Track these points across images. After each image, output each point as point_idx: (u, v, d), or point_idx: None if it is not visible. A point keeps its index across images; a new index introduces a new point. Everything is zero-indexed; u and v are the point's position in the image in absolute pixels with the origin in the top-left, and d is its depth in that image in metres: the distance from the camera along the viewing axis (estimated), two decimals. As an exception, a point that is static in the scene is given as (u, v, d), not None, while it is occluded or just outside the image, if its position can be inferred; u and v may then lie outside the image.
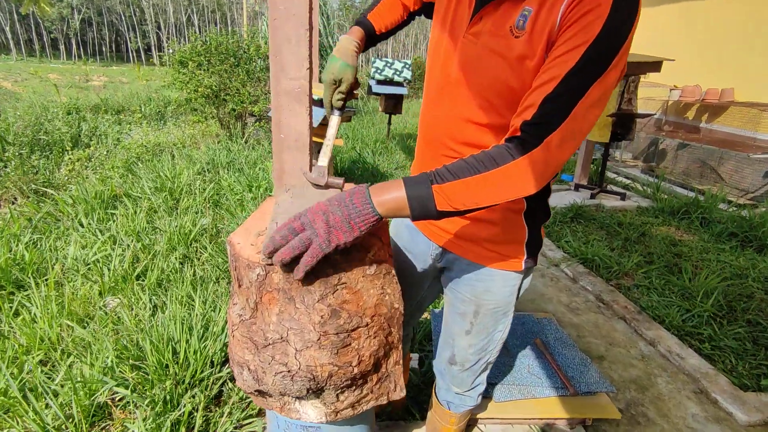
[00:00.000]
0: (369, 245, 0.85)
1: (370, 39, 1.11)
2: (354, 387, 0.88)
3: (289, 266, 0.74)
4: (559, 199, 4.31)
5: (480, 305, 1.08)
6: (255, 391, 0.87)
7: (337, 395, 0.87)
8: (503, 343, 1.19)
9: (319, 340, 0.79)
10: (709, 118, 5.34)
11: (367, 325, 0.85)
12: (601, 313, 2.47)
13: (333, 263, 0.80)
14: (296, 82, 1.24)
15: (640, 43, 6.46)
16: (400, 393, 0.98)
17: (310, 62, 1.25)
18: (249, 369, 0.83)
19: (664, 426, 1.70)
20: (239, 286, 0.84)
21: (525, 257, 1.03)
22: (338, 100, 1.05)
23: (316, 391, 0.84)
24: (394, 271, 0.93)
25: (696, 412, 1.78)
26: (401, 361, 0.97)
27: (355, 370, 0.84)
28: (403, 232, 1.20)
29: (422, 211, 0.74)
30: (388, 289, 0.90)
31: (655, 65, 3.96)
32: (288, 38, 1.21)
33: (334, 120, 1.06)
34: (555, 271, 2.96)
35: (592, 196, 4.39)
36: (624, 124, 4.14)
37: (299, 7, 1.20)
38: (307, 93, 1.24)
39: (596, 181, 4.70)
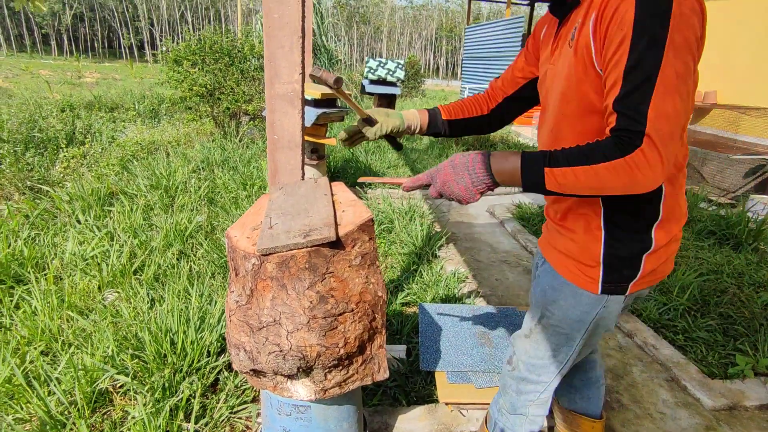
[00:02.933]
0: (355, 239, 0.94)
1: (430, 119, 1.20)
2: (341, 367, 0.97)
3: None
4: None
5: (544, 314, 1.05)
6: (250, 370, 0.95)
7: (325, 374, 0.96)
8: (557, 383, 1.12)
9: (308, 323, 0.88)
10: (692, 120, 5.48)
11: (352, 310, 0.93)
12: (583, 307, 2.58)
13: (323, 255, 0.89)
14: (289, 86, 1.33)
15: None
16: (383, 374, 1.07)
17: (303, 67, 1.34)
18: (245, 350, 0.92)
19: (636, 411, 1.80)
20: (236, 275, 0.93)
21: (601, 279, 0.94)
22: (366, 126, 1.15)
23: (306, 370, 0.93)
24: (378, 263, 1.02)
25: (666, 398, 1.89)
26: (385, 345, 1.06)
27: (342, 351, 0.93)
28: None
29: (533, 187, 0.83)
30: (372, 279, 0.99)
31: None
32: (281, 45, 1.29)
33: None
34: (540, 267, 3.07)
35: (579, 195, 4.51)
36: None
37: (292, 16, 1.29)
38: (299, 96, 1.33)
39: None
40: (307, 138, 3.45)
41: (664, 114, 0.73)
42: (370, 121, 1.14)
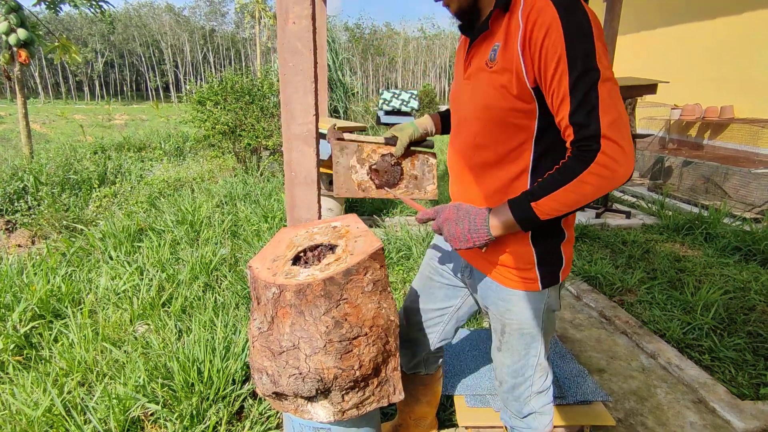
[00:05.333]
0: (367, 267, 1.01)
1: (442, 120, 1.37)
2: (357, 389, 1.02)
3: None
4: (564, 219, 4.42)
5: (504, 324, 1.15)
6: (272, 393, 1.01)
7: (343, 396, 1.01)
8: (544, 372, 1.21)
9: (325, 346, 0.94)
10: (711, 135, 5.43)
11: (366, 334, 0.99)
12: (604, 328, 2.55)
13: (337, 283, 0.95)
14: (304, 127, 1.44)
15: (640, 65, 6.64)
16: (399, 396, 1.11)
17: (316, 109, 1.45)
18: (267, 374, 0.98)
19: (662, 434, 1.77)
20: (258, 303, 1.00)
21: (539, 277, 1.07)
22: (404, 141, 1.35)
23: (324, 392, 0.98)
24: (390, 289, 1.08)
25: (694, 420, 1.84)
26: (399, 368, 1.11)
27: (357, 373, 0.98)
28: (441, 248, 1.34)
29: (528, 222, 0.95)
30: (384, 304, 1.05)
31: (650, 88, 4.11)
32: (296, 89, 1.41)
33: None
34: (559, 289, 3.06)
35: (597, 216, 4.48)
36: (624, 144, 4.26)
37: (305, 64, 1.41)
38: (314, 136, 1.43)
39: (601, 201, 4.80)
40: (324, 170, 3.58)
41: (614, 113, 0.84)
42: (392, 141, 1.36)
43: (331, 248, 1.12)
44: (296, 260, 1.08)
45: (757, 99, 4.96)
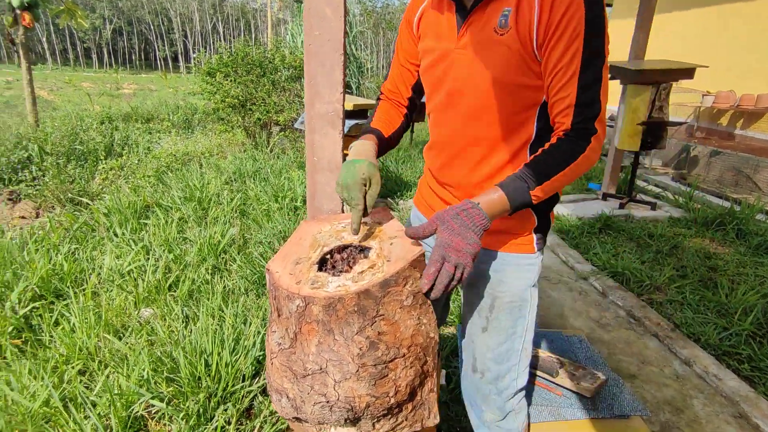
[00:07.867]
0: (407, 277, 0.86)
1: (380, 144, 1.13)
2: (390, 416, 0.88)
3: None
4: (586, 209, 4.23)
5: (495, 297, 1.10)
6: (293, 417, 0.88)
7: (373, 424, 0.87)
8: (528, 362, 1.16)
9: (357, 371, 0.80)
10: (744, 125, 5.15)
11: (404, 355, 0.85)
12: (633, 329, 2.41)
13: (373, 297, 0.81)
14: (330, 106, 1.26)
15: (673, 48, 6.29)
16: (434, 420, 0.98)
17: (344, 86, 1.27)
18: (288, 397, 0.85)
19: (702, 452, 1.64)
20: (279, 315, 0.86)
21: (535, 239, 1.08)
22: (371, 201, 1.00)
23: (353, 420, 0.85)
24: (429, 301, 0.93)
25: (736, 438, 1.71)
26: (435, 389, 0.97)
27: (392, 400, 0.84)
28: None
29: (520, 208, 0.91)
30: (424, 319, 0.90)
31: (687, 72, 3.85)
32: (322, 63, 1.23)
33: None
34: (584, 284, 2.91)
35: (621, 206, 4.29)
36: (654, 132, 4.04)
37: (334, 34, 1.22)
38: (340, 116, 1.26)
39: (625, 191, 4.59)
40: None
41: (606, 100, 0.87)
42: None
43: (362, 250, 0.97)
44: (322, 263, 0.93)
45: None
